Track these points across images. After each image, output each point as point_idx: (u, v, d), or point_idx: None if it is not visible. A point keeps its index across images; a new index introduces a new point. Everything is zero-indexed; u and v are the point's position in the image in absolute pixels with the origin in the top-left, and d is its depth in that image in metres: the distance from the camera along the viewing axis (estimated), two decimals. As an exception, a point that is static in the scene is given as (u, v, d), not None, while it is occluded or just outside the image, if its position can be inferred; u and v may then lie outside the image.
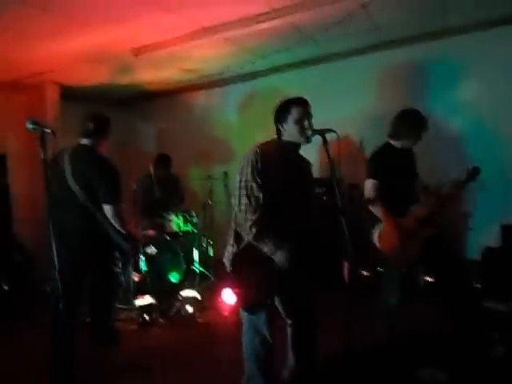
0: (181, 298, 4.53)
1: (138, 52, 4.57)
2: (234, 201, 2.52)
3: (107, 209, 3.19)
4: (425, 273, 4.16)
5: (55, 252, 2.13)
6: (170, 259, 5.00)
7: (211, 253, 5.68)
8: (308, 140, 2.55)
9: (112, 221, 3.23)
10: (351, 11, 3.79)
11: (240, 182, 2.50)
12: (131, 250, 3.55)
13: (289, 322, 2.77)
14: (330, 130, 2.46)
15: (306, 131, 2.52)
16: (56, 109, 5.82)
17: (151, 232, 5.12)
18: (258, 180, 2.46)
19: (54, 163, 3.27)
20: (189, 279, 5.23)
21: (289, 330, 2.79)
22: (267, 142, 2.63)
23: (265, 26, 4.08)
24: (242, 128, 6.41)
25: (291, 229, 2.54)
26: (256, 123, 6.24)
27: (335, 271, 2.69)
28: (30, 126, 2.14)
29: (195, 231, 5.55)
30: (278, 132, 2.63)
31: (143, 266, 4.74)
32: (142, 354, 3.72)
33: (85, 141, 3.34)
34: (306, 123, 2.54)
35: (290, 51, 5.12)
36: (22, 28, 3.89)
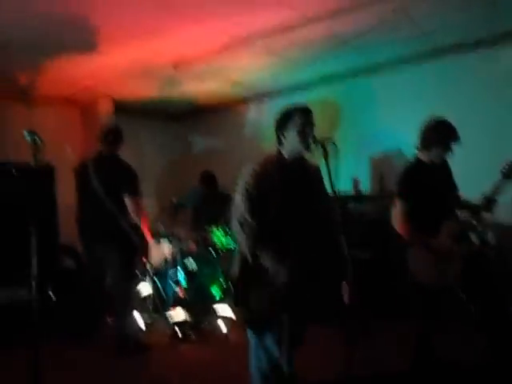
0: (215, 315, 4.43)
1: (177, 65, 4.60)
2: (230, 224, 2.47)
3: (128, 200, 3.74)
4: (463, 295, 3.76)
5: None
6: (210, 274, 4.91)
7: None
8: (308, 149, 2.40)
9: (131, 210, 3.74)
10: (383, 16, 3.55)
11: (234, 205, 2.43)
12: (140, 246, 3.91)
13: None
14: (330, 140, 2.30)
15: (306, 139, 2.37)
16: (108, 122, 5.98)
17: (193, 245, 5.10)
18: (249, 204, 2.36)
19: (82, 171, 3.83)
20: (226, 296, 5.12)
21: None
22: (265, 159, 2.51)
23: (300, 34, 3.96)
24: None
25: (296, 248, 2.40)
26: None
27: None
28: (28, 136, 2.18)
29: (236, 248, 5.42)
30: (279, 140, 2.49)
31: (181, 279, 4.71)
32: (167, 368, 3.65)
33: (106, 151, 3.91)
34: (307, 131, 2.40)
35: (337, 61, 4.97)
36: (64, 44, 4.06)
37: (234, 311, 4.42)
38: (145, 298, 4.79)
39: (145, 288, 4.79)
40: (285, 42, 4.24)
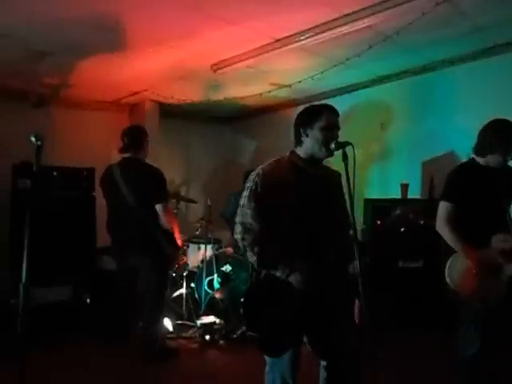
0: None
1: (216, 67, 4.54)
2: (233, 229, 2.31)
3: (159, 207, 3.64)
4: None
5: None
6: (246, 279, 4.82)
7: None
8: (330, 152, 2.21)
9: (162, 217, 3.65)
10: (427, 10, 3.27)
11: (239, 208, 2.27)
12: (173, 254, 3.83)
13: (322, 363, 2.39)
14: (348, 144, 2.12)
15: (330, 141, 2.18)
16: (155, 125, 6.08)
17: (230, 249, 5.03)
18: (255, 206, 2.19)
19: (108, 177, 3.60)
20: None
21: (321, 373, 2.41)
22: (278, 160, 2.34)
23: (338, 32, 3.75)
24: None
25: (308, 256, 2.21)
26: (356, 138, 5.87)
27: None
28: (33, 139, 2.17)
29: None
30: (298, 138, 2.30)
31: (216, 284, 4.66)
32: (194, 375, 3.60)
33: (127, 154, 3.80)
34: (332, 133, 2.21)
35: (385, 60, 4.71)
36: (107, 49, 4.13)
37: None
38: (178, 301, 4.78)
39: (179, 292, 4.78)
40: (327, 41, 4.05)
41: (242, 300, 2.26)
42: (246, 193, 2.25)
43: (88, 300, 4.71)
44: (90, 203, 4.86)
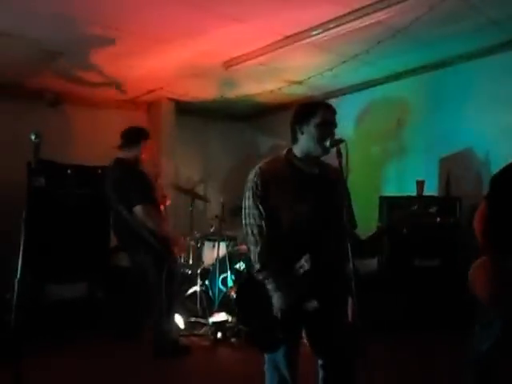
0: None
1: (228, 65, 4.56)
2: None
3: (137, 209, 3.55)
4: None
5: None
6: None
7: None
8: (325, 150, 2.15)
9: (143, 221, 3.56)
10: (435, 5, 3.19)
11: (243, 209, 2.23)
12: (164, 252, 3.69)
13: (319, 362, 2.36)
14: (342, 141, 2.07)
15: (325, 138, 2.13)
16: (172, 123, 6.16)
17: (244, 247, 5.03)
18: (260, 206, 2.15)
19: (105, 178, 3.94)
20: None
21: (319, 373, 2.38)
22: (274, 159, 2.31)
23: (348, 27, 3.70)
24: (358, 140, 5.96)
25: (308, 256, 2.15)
26: (373, 135, 5.82)
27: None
28: (32, 136, 2.23)
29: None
30: (293, 136, 2.26)
31: (230, 281, 4.67)
32: (205, 372, 3.64)
33: (120, 154, 3.88)
34: (328, 130, 2.16)
35: (399, 56, 4.65)
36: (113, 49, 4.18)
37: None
38: (192, 299, 4.81)
39: (193, 289, 4.81)
40: (337, 37, 4.00)
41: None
42: (248, 193, 2.21)
43: (102, 297, 4.76)
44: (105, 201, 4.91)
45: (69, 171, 4.72)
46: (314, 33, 3.86)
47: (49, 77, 4.89)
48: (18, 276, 2.03)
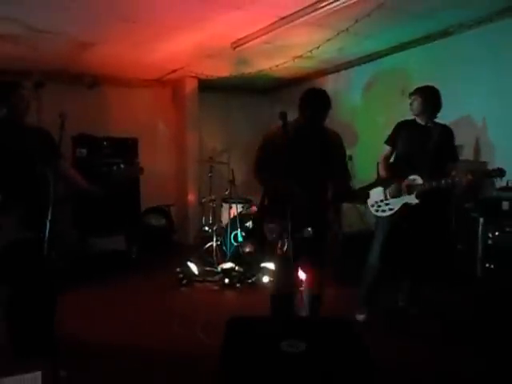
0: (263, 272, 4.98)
1: (235, 45, 5.11)
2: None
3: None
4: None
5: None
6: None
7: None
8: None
9: None
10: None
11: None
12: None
13: None
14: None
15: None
16: (194, 99, 6.87)
17: (254, 208, 5.69)
18: (265, 155, 3.26)
19: None
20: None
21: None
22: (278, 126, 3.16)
23: (336, 5, 4.08)
24: (365, 111, 6.41)
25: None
26: (379, 105, 6.21)
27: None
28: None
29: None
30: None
31: (240, 237, 5.38)
32: (211, 305, 4.44)
33: None
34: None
35: (400, 27, 4.94)
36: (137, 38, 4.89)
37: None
38: (208, 251, 5.64)
39: (210, 244, 5.67)
40: (330, 14, 4.36)
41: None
42: (257, 150, 3.35)
43: (137, 249, 5.71)
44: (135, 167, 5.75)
45: (105, 143, 5.54)
46: (306, 12, 4.33)
47: (86, 63, 5.70)
48: (49, 217, 2.39)
